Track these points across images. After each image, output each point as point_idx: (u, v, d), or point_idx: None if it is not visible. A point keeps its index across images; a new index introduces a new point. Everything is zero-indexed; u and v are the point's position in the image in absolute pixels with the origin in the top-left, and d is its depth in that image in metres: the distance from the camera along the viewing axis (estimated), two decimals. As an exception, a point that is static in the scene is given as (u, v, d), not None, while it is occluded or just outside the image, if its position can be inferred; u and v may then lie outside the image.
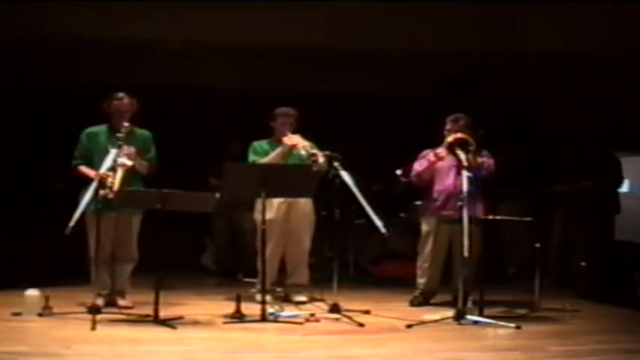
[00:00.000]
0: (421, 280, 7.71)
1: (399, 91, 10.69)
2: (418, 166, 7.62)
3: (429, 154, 7.53)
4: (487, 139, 7.27)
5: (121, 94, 7.15)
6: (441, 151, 7.34)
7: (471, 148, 7.00)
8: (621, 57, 8.93)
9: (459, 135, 7.18)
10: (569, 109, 10.09)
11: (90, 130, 7.22)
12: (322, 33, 9.01)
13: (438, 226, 7.57)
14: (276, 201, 7.55)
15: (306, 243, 7.79)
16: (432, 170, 7.56)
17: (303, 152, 7.41)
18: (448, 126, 7.51)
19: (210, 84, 10.22)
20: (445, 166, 7.49)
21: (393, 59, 9.89)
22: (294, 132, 7.57)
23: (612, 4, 8.34)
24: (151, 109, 7.21)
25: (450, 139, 7.20)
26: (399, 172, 7.71)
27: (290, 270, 7.83)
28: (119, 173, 6.69)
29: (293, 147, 7.49)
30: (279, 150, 7.54)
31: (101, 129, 7.20)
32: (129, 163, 6.78)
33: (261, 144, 7.73)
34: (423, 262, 7.69)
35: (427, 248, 7.64)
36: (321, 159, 7.26)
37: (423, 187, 7.71)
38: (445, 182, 7.51)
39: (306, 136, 7.52)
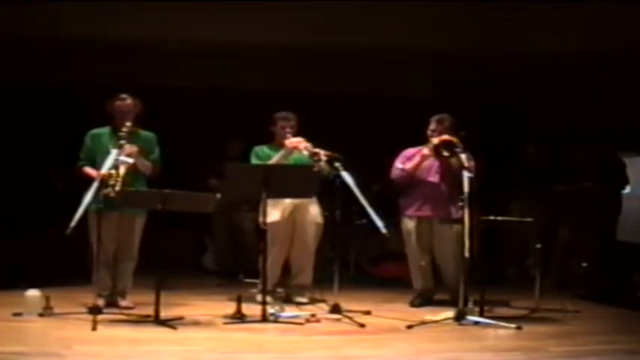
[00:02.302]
0: (416, 282, 7.73)
1: (399, 91, 10.69)
2: (403, 165, 7.61)
3: (416, 155, 7.53)
4: (468, 139, 7.27)
5: (124, 95, 7.15)
6: (427, 150, 7.38)
7: (458, 149, 7.01)
8: (623, 57, 8.93)
9: (446, 137, 7.21)
10: (570, 110, 10.09)
11: (94, 132, 7.22)
12: (322, 33, 9.00)
13: (418, 226, 7.60)
14: (283, 203, 7.55)
15: (312, 245, 7.77)
16: (416, 170, 7.57)
17: (305, 152, 7.41)
18: (432, 126, 7.53)
19: (211, 84, 10.21)
20: (426, 167, 7.52)
21: (393, 59, 9.89)
22: (294, 135, 7.57)
23: (614, 3, 8.33)
24: (151, 109, 7.21)
25: (435, 141, 7.23)
26: (400, 165, 7.70)
27: (295, 271, 7.83)
28: (121, 171, 6.69)
29: (295, 149, 7.49)
30: (281, 153, 7.53)
31: (105, 130, 7.20)
32: (130, 160, 6.77)
33: (263, 149, 7.71)
34: (411, 263, 7.73)
35: (411, 248, 7.66)
36: (323, 157, 7.26)
37: (405, 186, 7.70)
38: (427, 182, 7.54)
39: (306, 136, 7.53)
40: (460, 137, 7.17)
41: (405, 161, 7.63)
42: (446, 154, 7.06)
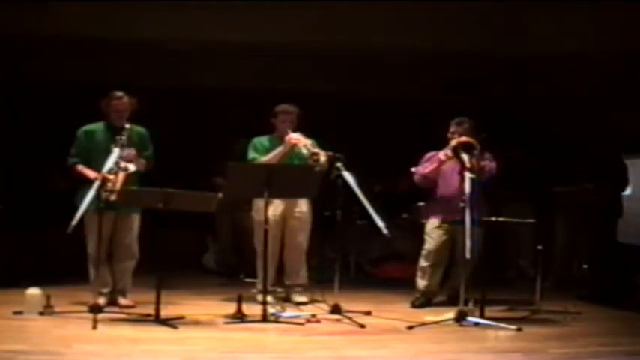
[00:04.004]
0: (421, 281, 7.71)
1: (400, 91, 10.70)
2: (423, 168, 7.63)
3: (435, 156, 7.54)
4: (489, 141, 7.28)
5: (120, 93, 7.11)
6: (443, 155, 7.38)
7: (476, 151, 7.01)
8: (625, 58, 8.93)
9: (464, 138, 7.18)
10: (571, 111, 10.09)
11: (87, 128, 7.18)
12: (322, 33, 9.01)
13: (441, 228, 7.59)
14: (273, 203, 7.52)
15: (303, 242, 7.77)
16: (437, 173, 7.58)
17: (304, 151, 7.40)
18: (452, 129, 7.53)
19: (212, 84, 10.22)
20: (449, 170, 7.52)
21: (393, 59, 9.89)
22: (294, 129, 7.56)
23: (615, 4, 8.34)
24: (153, 109, 7.20)
25: (454, 142, 7.20)
26: (414, 170, 7.71)
27: (288, 269, 7.82)
28: (120, 177, 6.67)
29: (294, 146, 7.48)
30: (280, 149, 7.51)
31: (98, 127, 7.16)
32: (132, 168, 6.76)
33: (261, 141, 7.70)
34: (425, 263, 7.69)
35: (430, 249, 7.64)
36: (322, 158, 7.25)
37: (427, 188, 7.73)
38: (449, 185, 7.53)
39: (307, 136, 7.53)
40: (481, 140, 7.16)
41: (426, 165, 7.64)
42: (464, 155, 7.02)
